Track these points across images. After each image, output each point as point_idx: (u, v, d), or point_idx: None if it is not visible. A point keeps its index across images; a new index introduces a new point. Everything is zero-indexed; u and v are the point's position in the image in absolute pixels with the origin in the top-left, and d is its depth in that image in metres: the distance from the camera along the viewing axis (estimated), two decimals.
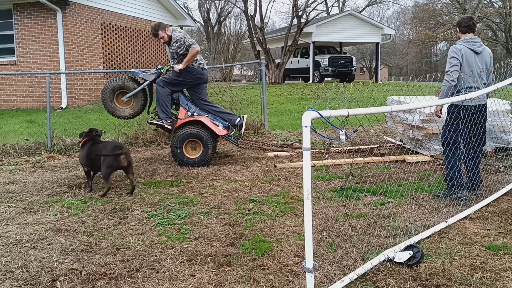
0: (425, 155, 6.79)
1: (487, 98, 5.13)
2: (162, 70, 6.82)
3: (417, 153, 6.93)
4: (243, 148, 7.75)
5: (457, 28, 5.15)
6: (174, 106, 6.86)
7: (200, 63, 6.67)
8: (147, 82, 6.78)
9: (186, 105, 6.77)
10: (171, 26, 6.72)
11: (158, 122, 6.65)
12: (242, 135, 7.13)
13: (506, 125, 6.79)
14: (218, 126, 6.64)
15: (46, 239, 3.93)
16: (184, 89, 6.85)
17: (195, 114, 6.67)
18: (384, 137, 8.43)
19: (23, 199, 5.18)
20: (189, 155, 6.60)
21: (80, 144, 5.67)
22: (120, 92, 6.86)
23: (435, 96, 7.40)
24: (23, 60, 14.40)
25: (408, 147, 7.23)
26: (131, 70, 7.10)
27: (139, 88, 6.76)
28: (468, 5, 20.39)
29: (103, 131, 6.11)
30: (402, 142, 7.59)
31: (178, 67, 6.51)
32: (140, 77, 6.91)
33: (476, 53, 4.96)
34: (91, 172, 5.56)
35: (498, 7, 38.09)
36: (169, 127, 6.64)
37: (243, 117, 6.95)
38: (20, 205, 4.95)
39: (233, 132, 7.12)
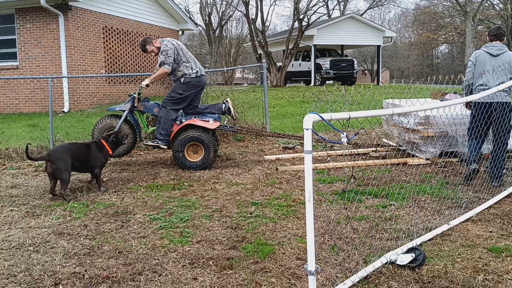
0: (421, 158, 6.77)
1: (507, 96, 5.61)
2: (134, 95, 6.79)
3: (413, 156, 6.92)
4: (243, 139, 7.76)
5: (487, 37, 5.89)
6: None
7: (196, 71, 6.66)
8: (126, 112, 6.79)
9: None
10: (159, 38, 6.73)
11: (153, 144, 6.64)
12: (234, 118, 7.17)
13: None
14: (208, 121, 6.66)
15: (48, 243, 3.94)
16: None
17: (183, 120, 6.69)
18: (383, 140, 8.43)
19: (26, 203, 5.19)
20: (191, 159, 6.61)
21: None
22: (109, 131, 6.87)
23: (431, 98, 7.41)
24: (26, 65, 14.45)
25: (405, 149, 7.22)
26: (109, 108, 7.14)
27: (121, 121, 6.78)
28: (469, 7, 20.39)
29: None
30: (399, 144, 7.59)
31: (145, 83, 6.55)
32: (118, 111, 6.96)
33: (492, 55, 5.53)
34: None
35: (499, 9, 38.10)
36: (165, 147, 6.67)
37: (227, 100, 7.00)
38: (22, 209, 4.96)
39: (226, 121, 7.16)
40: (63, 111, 14.05)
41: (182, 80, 6.60)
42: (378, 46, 29.71)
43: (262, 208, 4.80)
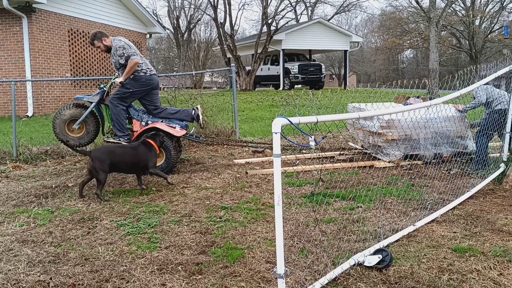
0: (384, 161, 6.88)
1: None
2: (105, 88, 6.72)
3: (379, 159, 7.03)
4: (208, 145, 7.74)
5: None
6: (127, 121, 6.80)
7: (147, 70, 6.61)
8: (93, 104, 6.69)
9: (138, 116, 6.74)
10: (115, 36, 6.69)
11: (115, 141, 6.53)
12: (202, 126, 7.15)
13: (463, 130, 6.97)
14: (174, 128, 6.61)
15: (12, 251, 3.83)
16: (134, 102, 6.80)
17: (149, 122, 6.63)
18: (349, 143, 8.54)
19: None
20: None
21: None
22: (70, 121, 6.76)
23: (394, 103, 7.57)
24: None
25: (370, 152, 7.33)
26: (76, 97, 7.03)
27: (86, 112, 6.67)
28: (432, 13, 20.89)
29: None
30: (363, 148, 7.70)
31: (118, 80, 6.50)
32: (85, 101, 6.82)
33: None
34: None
35: (461, 16, 39.24)
36: (127, 143, 6.58)
37: (197, 107, 6.97)
38: None
39: (192, 130, 7.16)
40: (26, 115, 13.72)
41: (131, 76, 6.53)
42: (345, 51, 30.18)
43: (231, 212, 4.79)
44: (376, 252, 3.44)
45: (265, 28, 25.40)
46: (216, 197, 5.38)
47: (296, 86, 27.70)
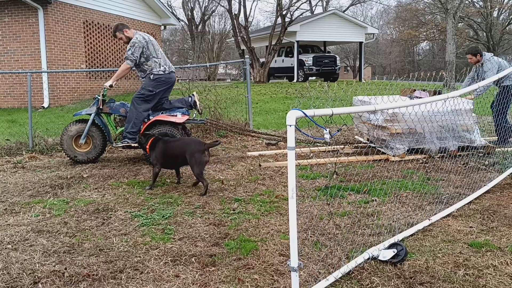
0: (389, 155, 6.78)
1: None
2: (99, 97, 6.67)
3: (383, 153, 6.92)
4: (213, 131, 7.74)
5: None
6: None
7: (166, 68, 6.59)
8: (92, 115, 6.68)
9: None
10: (135, 30, 6.67)
11: (123, 144, 6.54)
12: (200, 112, 7.16)
13: (469, 123, 6.86)
14: (176, 115, 6.62)
15: (27, 241, 3.87)
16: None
17: (151, 117, 6.63)
18: (355, 136, 8.45)
19: (4, 200, 5.09)
20: None
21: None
22: (77, 136, 6.76)
23: (400, 95, 7.47)
24: (4, 59, 14.19)
25: (375, 146, 7.22)
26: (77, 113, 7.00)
27: (88, 125, 6.65)
28: (450, 4, 20.59)
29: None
30: (369, 141, 7.58)
31: (108, 84, 6.48)
32: (84, 115, 6.82)
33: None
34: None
35: (479, 7, 38.64)
36: (135, 145, 6.58)
37: (193, 94, 6.97)
38: (1, 206, 4.86)
39: (194, 115, 7.18)
40: (42, 106, 13.85)
41: (151, 77, 6.51)
42: (360, 43, 29.89)
43: (245, 204, 4.79)
44: (390, 246, 3.41)
45: (279, 20, 25.24)
46: (229, 189, 5.38)
47: (310, 78, 27.55)
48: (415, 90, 7.61)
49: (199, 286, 3.06)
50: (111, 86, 6.48)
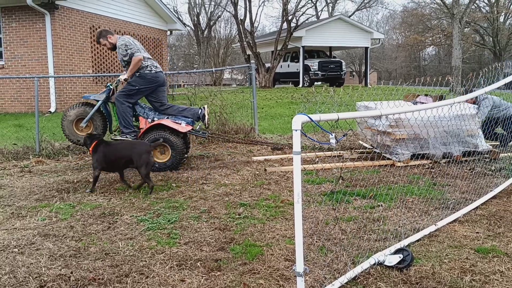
0: (393, 161, 6.74)
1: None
2: (111, 87, 6.75)
3: (388, 158, 6.89)
4: (212, 142, 7.75)
5: None
6: (133, 118, 6.85)
7: (153, 67, 6.66)
8: (100, 102, 6.73)
9: (144, 113, 6.79)
10: (118, 35, 6.76)
11: (122, 138, 6.57)
12: (207, 126, 7.20)
13: (473, 129, 6.82)
14: (180, 124, 6.63)
15: (34, 245, 3.89)
16: (140, 99, 6.86)
17: (155, 119, 6.66)
18: (359, 141, 8.43)
19: (11, 204, 5.12)
20: (157, 159, 6.55)
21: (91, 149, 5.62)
22: (78, 119, 6.81)
23: (403, 101, 7.44)
24: (11, 64, 14.29)
25: (378, 152, 7.18)
26: (84, 96, 7.10)
27: (93, 110, 6.70)
28: (456, 10, 20.56)
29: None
30: (373, 147, 7.53)
31: (123, 77, 6.56)
32: (91, 100, 6.88)
33: None
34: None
35: (485, 12, 38.55)
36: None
37: (204, 107, 6.98)
38: (7, 210, 4.89)
39: (198, 127, 7.19)
40: (49, 111, 13.92)
41: (137, 74, 6.61)
42: (366, 48, 29.89)
43: (250, 209, 4.79)
44: (396, 252, 3.39)
45: (285, 25, 25.30)
46: (235, 193, 5.38)
47: (316, 83, 27.56)
48: (418, 95, 7.59)
49: None
50: (125, 79, 6.57)
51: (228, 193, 5.42)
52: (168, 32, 21.01)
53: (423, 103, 7.10)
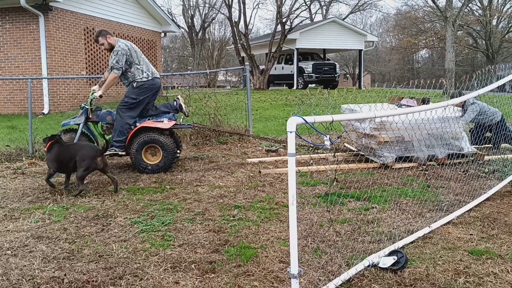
0: (377, 163, 6.74)
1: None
2: (87, 106, 6.70)
3: (372, 161, 6.87)
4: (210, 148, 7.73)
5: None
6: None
7: (149, 74, 6.63)
8: (81, 124, 6.71)
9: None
10: (116, 38, 6.73)
11: (110, 152, 6.55)
12: (187, 114, 7.19)
13: (457, 131, 6.81)
14: (162, 121, 6.63)
15: (27, 247, 3.86)
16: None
17: (137, 124, 6.64)
18: (345, 144, 8.43)
19: (4, 206, 5.09)
20: (150, 161, 6.55)
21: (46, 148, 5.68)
22: None
23: (388, 103, 7.44)
24: (4, 66, 14.22)
25: (363, 154, 7.17)
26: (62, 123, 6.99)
27: (78, 135, 6.67)
28: (449, 13, 20.67)
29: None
30: (358, 150, 7.48)
31: (98, 94, 6.53)
32: (72, 125, 6.84)
33: None
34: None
35: (478, 15, 38.78)
36: (123, 153, 6.60)
37: (178, 98, 7.00)
38: (0, 212, 4.86)
39: (182, 119, 7.16)
40: (42, 112, 13.86)
41: (134, 84, 6.56)
42: (360, 50, 29.97)
43: (245, 211, 4.78)
44: (391, 254, 3.40)
45: (279, 27, 25.32)
46: (229, 195, 5.38)
47: (310, 85, 27.60)
48: (402, 98, 7.58)
49: None
50: (101, 96, 6.56)
51: (222, 195, 5.41)
52: (162, 34, 20.99)
53: (407, 105, 7.09)
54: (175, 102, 6.90)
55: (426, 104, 7.06)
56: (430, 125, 6.34)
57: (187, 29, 41.88)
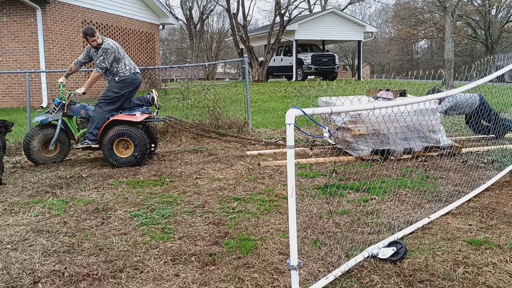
0: (353, 156, 6.71)
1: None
2: (63, 101, 6.75)
3: (349, 154, 6.83)
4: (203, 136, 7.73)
5: None
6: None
7: (131, 68, 6.74)
8: (60, 120, 6.76)
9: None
10: (103, 37, 6.78)
11: (83, 146, 6.62)
12: (158, 107, 7.19)
13: (434, 124, 6.73)
14: (134, 115, 6.65)
15: (27, 241, 3.87)
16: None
17: (110, 118, 6.64)
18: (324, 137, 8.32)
19: (3, 200, 5.09)
20: (121, 155, 6.57)
21: None
22: (45, 142, 6.81)
23: (366, 95, 7.38)
24: (2, 59, 14.18)
25: (340, 147, 7.12)
26: (36, 119, 6.94)
27: (57, 131, 6.72)
28: (448, 3, 20.60)
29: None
30: (336, 143, 7.35)
31: (81, 91, 6.60)
32: (50, 121, 6.82)
33: None
34: None
35: (477, 5, 38.65)
36: (96, 146, 6.65)
37: (152, 91, 7.05)
38: (0, 206, 4.86)
39: (156, 113, 7.19)
40: (41, 106, 13.83)
41: (116, 79, 6.67)
42: (359, 41, 29.88)
43: (244, 203, 4.79)
44: (390, 245, 3.41)
45: (278, 19, 25.23)
46: (229, 188, 5.39)
47: (309, 77, 27.55)
48: (380, 90, 7.51)
49: (199, 285, 3.06)
50: (84, 93, 6.62)
51: (222, 187, 5.42)
52: (161, 26, 20.91)
53: (384, 98, 7.02)
54: (148, 95, 6.97)
55: (403, 96, 7.03)
56: (405, 118, 6.24)
57: (185, 21, 41.77)
